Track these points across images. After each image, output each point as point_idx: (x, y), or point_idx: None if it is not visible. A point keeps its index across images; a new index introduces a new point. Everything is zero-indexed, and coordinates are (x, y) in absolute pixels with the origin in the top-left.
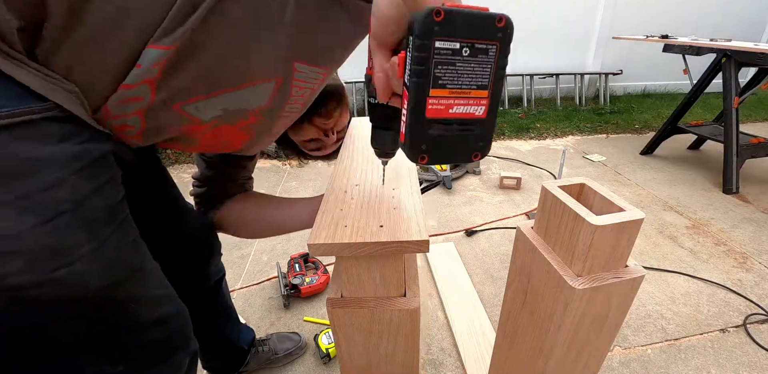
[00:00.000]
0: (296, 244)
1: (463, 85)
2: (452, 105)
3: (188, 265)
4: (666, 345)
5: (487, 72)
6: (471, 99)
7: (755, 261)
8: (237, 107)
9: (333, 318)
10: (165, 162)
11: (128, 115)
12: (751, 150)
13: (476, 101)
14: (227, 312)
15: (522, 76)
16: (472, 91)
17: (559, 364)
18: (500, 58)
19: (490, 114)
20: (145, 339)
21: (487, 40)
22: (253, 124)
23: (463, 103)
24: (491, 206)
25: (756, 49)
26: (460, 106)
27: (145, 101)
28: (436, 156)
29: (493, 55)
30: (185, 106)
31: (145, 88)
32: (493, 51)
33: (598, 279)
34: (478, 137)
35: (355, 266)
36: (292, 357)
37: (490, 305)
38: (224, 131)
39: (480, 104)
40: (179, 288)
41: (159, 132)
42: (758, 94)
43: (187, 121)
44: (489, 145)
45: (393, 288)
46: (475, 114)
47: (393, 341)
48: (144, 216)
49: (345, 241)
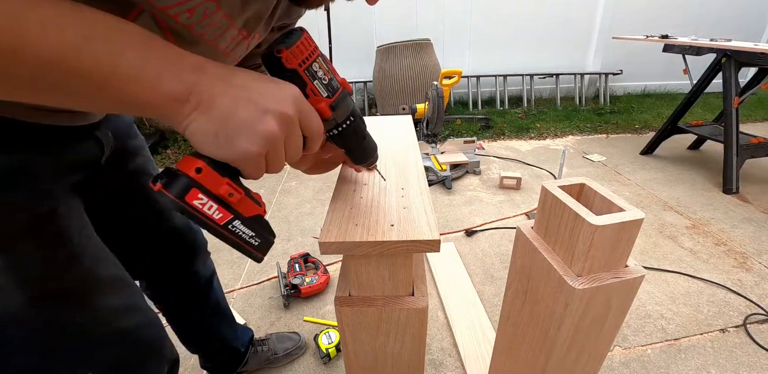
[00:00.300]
0: (296, 244)
1: None
2: None
3: (174, 265)
4: (666, 345)
5: None
6: None
7: (755, 261)
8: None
9: (341, 316)
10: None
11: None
12: (751, 150)
13: None
14: (221, 311)
15: (522, 76)
16: None
17: (559, 364)
18: None
19: None
20: (108, 351)
21: None
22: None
23: None
24: (491, 206)
25: (756, 49)
26: None
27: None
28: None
29: None
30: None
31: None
32: None
33: (598, 279)
34: None
35: (365, 265)
36: (292, 356)
37: (490, 305)
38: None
39: None
40: (169, 288)
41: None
42: (758, 94)
43: None
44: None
45: (401, 287)
46: None
47: (400, 340)
48: (115, 218)
49: (356, 240)
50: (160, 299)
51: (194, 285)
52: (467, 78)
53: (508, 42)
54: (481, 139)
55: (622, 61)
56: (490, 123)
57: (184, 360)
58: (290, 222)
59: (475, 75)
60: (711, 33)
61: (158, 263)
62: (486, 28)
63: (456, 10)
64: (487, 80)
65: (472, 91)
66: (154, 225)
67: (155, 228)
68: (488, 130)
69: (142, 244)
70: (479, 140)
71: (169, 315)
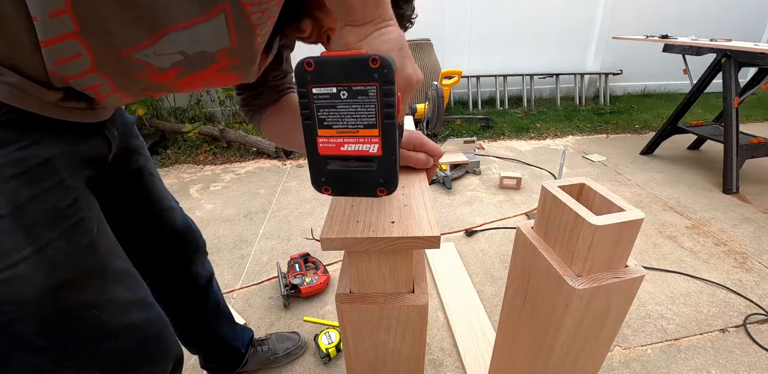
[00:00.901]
0: (296, 244)
1: (349, 125)
2: (342, 143)
3: (176, 265)
4: (666, 345)
5: (372, 112)
6: (361, 137)
7: (755, 261)
8: (195, 50)
9: (341, 313)
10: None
11: (81, 75)
12: (751, 150)
13: (367, 140)
14: (221, 312)
15: (522, 76)
16: (359, 131)
17: (559, 364)
18: (384, 97)
19: (385, 151)
20: (117, 344)
21: (363, 82)
22: (230, 65)
23: (354, 141)
24: (491, 206)
25: (756, 49)
26: (351, 144)
27: (85, 58)
28: (338, 188)
29: (374, 96)
30: (134, 54)
31: (74, 43)
32: (374, 91)
33: (598, 279)
34: (377, 173)
35: (365, 261)
36: (292, 356)
37: (490, 305)
38: (202, 77)
39: (372, 142)
40: (171, 289)
41: (132, 82)
42: (758, 94)
43: (146, 69)
44: (392, 182)
45: (402, 284)
46: (369, 151)
47: (401, 337)
48: (118, 218)
49: (358, 236)
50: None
51: (194, 285)
52: (467, 78)
53: (508, 42)
54: (481, 139)
55: (622, 61)
56: (490, 123)
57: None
58: (290, 222)
59: (475, 75)
60: (711, 33)
61: (161, 263)
62: (486, 28)
63: (456, 10)
64: (487, 80)
65: (472, 91)
66: (155, 225)
67: (157, 227)
68: (488, 130)
69: (145, 244)
70: (479, 140)
71: (169, 315)
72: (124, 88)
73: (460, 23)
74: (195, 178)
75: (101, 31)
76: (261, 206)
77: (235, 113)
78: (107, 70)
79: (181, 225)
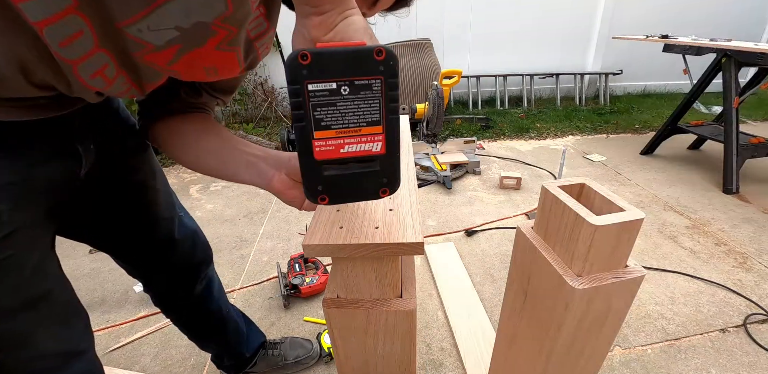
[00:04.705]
0: (296, 244)
1: (351, 124)
2: (342, 145)
3: (173, 275)
4: (666, 345)
5: (375, 107)
6: (363, 136)
7: (755, 261)
8: (192, 21)
9: (329, 318)
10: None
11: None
12: (751, 150)
13: (370, 138)
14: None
15: (522, 76)
16: (362, 129)
17: (559, 364)
18: (388, 91)
19: (389, 148)
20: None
21: (367, 75)
22: (228, 38)
23: (355, 141)
24: (491, 206)
25: (756, 49)
26: (351, 145)
27: (87, 34)
28: (336, 196)
29: (379, 90)
30: (130, 28)
31: (75, 18)
32: (378, 85)
33: (598, 279)
34: (380, 173)
35: (351, 267)
36: (302, 366)
37: (490, 305)
38: (200, 56)
39: (375, 140)
40: (168, 298)
41: (132, 62)
42: (758, 94)
43: (143, 47)
44: (396, 181)
45: (389, 290)
46: (372, 150)
47: (389, 342)
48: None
49: (339, 242)
50: (159, 301)
51: (193, 294)
52: (467, 78)
53: (508, 42)
54: (481, 139)
55: (622, 61)
56: (490, 123)
57: (185, 360)
58: (290, 222)
59: (475, 75)
60: (711, 33)
61: (159, 271)
62: (486, 28)
63: (456, 10)
64: (487, 80)
65: (472, 91)
66: (146, 233)
67: (147, 236)
68: (488, 130)
69: (139, 252)
70: (479, 140)
71: (172, 320)
72: (126, 67)
73: (460, 23)
74: (195, 178)
75: (96, 2)
76: (261, 206)
77: (236, 113)
78: (109, 47)
79: (180, 236)
